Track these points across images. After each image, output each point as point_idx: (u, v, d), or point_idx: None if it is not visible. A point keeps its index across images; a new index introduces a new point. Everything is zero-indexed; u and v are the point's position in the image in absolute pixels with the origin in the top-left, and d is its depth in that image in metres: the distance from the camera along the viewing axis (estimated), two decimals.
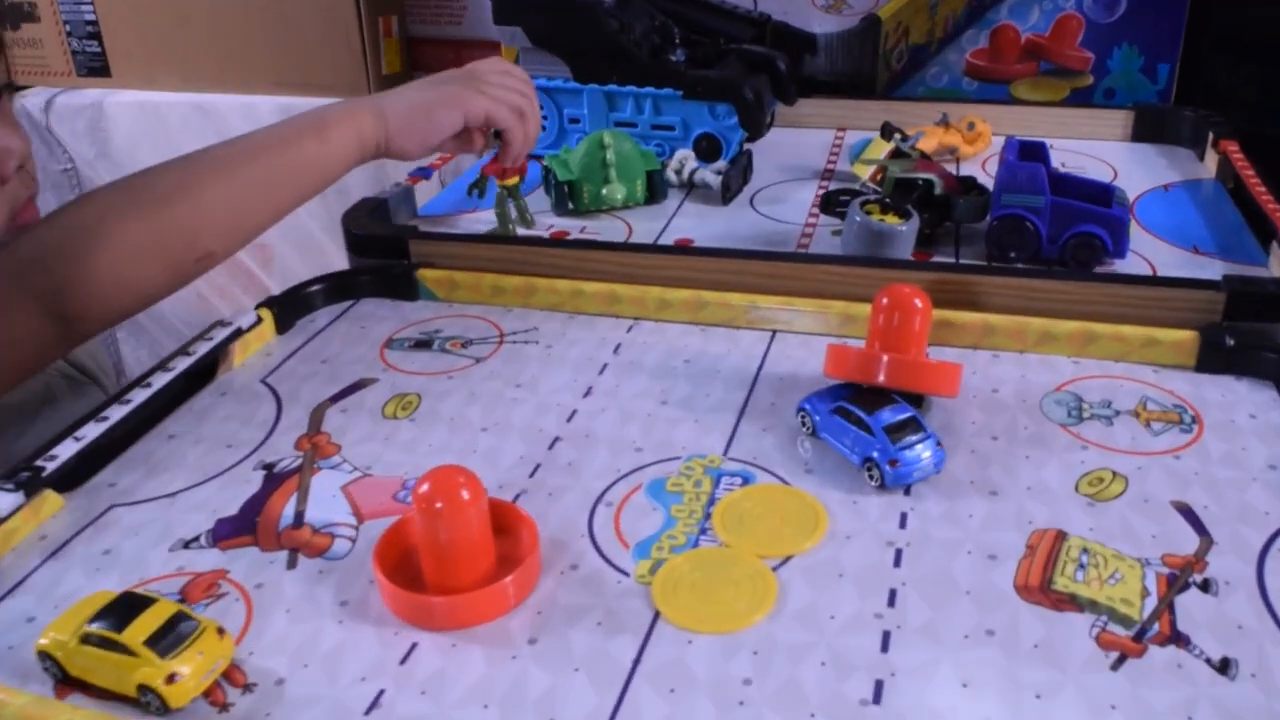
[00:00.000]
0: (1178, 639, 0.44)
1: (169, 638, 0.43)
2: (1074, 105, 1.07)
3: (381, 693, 0.42)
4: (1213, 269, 0.76)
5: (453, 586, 0.46)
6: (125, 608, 0.44)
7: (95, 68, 1.44)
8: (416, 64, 1.38)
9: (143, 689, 0.42)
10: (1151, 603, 0.46)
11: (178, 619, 0.43)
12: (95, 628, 0.43)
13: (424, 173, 0.93)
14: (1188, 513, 0.51)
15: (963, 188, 0.80)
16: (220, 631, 0.44)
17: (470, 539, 0.46)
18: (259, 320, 0.71)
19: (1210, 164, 0.94)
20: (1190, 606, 0.45)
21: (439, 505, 0.45)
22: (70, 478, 0.57)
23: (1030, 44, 1.08)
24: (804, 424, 0.57)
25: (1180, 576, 0.47)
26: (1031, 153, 0.80)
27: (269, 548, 0.52)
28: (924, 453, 0.53)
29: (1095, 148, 1.00)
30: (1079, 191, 0.77)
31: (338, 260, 0.83)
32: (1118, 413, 0.60)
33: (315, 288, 0.75)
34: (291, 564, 0.50)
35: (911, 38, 1.09)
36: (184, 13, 1.35)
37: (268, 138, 0.70)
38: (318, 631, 0.46)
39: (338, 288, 0.76)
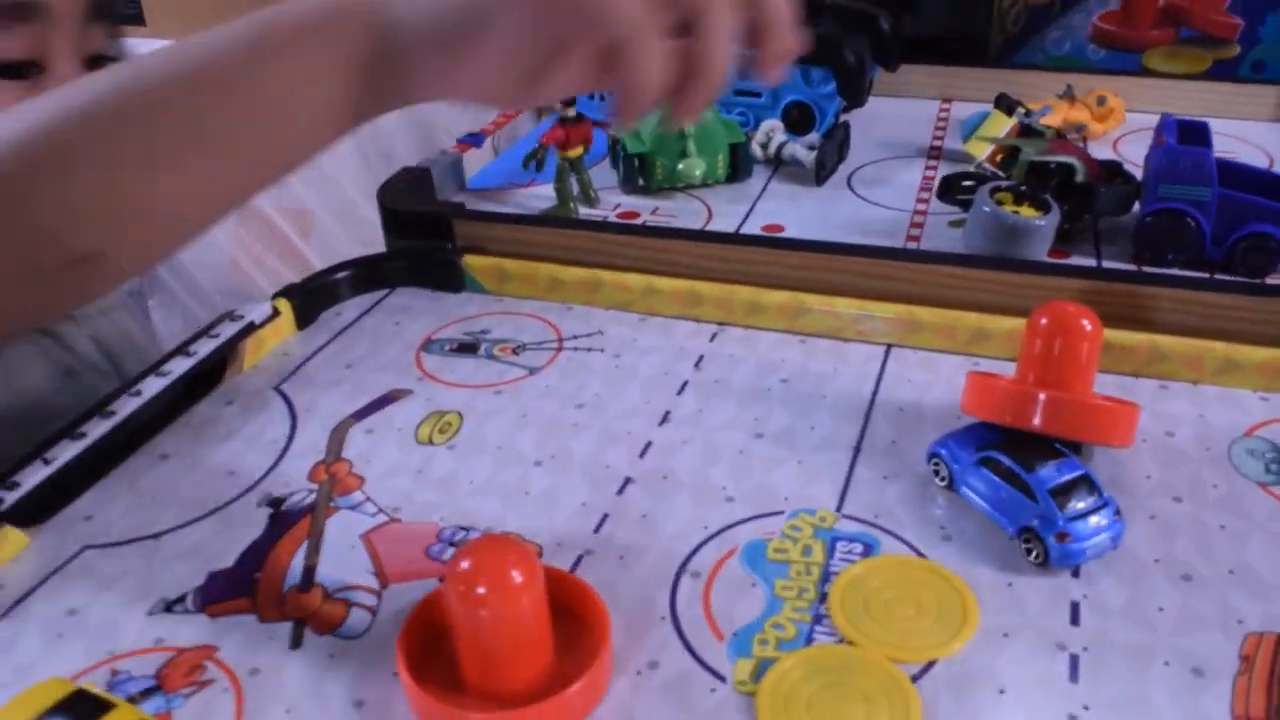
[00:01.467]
0: None
1: None
2: (1218, 79, 0.93)
3: None
4: None
5: (499, 691, 0.36)
6: (79, 709, 0.34)
7: (129, 15, 1.36)
8: None
9: None
10: None
11: None
12: None
13: (475, 139, 0.82)
14: None
15: (1106, 174, 0.68)
16: None
17: (522, 636, 0.35)
18: (275, 313, 0.61)
19: None
20: None
21: (481, 591, 0.34)
22: (36, 509, 0.47)
23: (1170, 6, 0.94)
24: (938, 474, 0.46)
25: None
26: (1192, 134, 0.67)
27: (269, 616, 0.41)
28: (1100, 524, 0.41)
29: (1243, 129, 0.86)
30: (1250, 183, 0.64)
31: (378, 229, 0.71)
32: None
33: (342, 275, 0.65)
34: (296, 642, 0.40)
35: None
36: None
37: (181, 58, 0.41)
38: None
39: (369, 275, 0.66)
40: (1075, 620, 0.40)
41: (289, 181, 0.92)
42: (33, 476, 0.47)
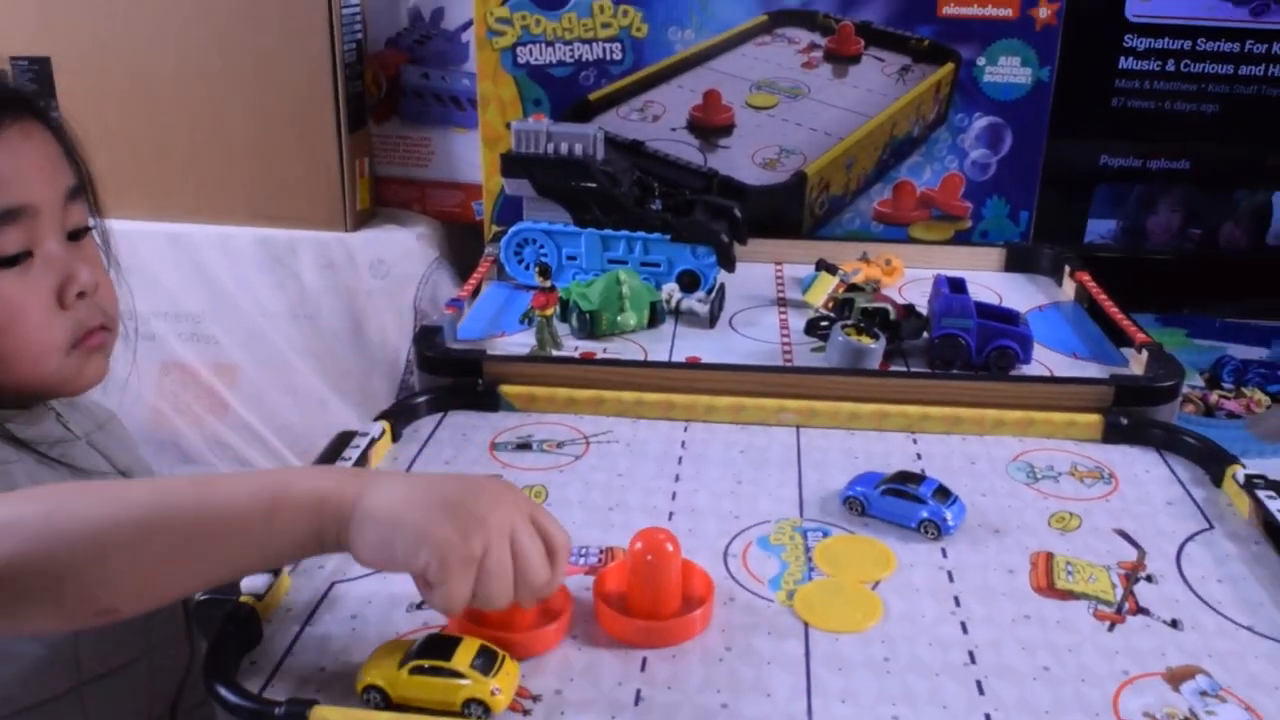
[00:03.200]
0: (1142, 611, 0.67)
1: (483, 662, 0.58)
2: (958, 243, 1.36)
3: (639, 691, 0.59)
4: (1090, 369, 1.03)
5: (658, 615, 0.64)
6: (440, 645, 0.59)
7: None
8: (382, 200, 1.55)
9: (469, 703, 0.57)
10: (1119, 591, 0.69)
11: (484, 649, 0.59)
12: (421, 660, 0.58)
13: (458, 303, 1.11)
14: (1124, 535, 0.75)
15: (906, 313, 1.05)
16: (511, 659, 0.60)
17: (673, 577, 0.64)
18: (384, 431, 0.86)
19: (1068, 289, 1.23)
20: (1143, 591, 0.69)
21: (650, 558, 0.63)
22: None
23: (923, 196, 1.37)
24: (852, 508, 0.77)
25: (1133, 575, 0.70)
26: (956, 285, 1.06)
27: None
28: (957, 509, 0.75)
29: (979, 276, 1.27)
30: (992, 314, 1.03)
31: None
32: (1059, 474, 0.84)
33: (420, 399, 0.91)
34: None
35: (831, 190, 1.36)
36: (161, 145, 1.45)
37: (204, 501, 0.56)
38: (566, 657, 0.62)
39: (434, 402, 0.93)
40: (945, 556, 0.72)
41: (218, 339, 1.03)
42: None
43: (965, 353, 1.00)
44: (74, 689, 0.72)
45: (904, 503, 0.75)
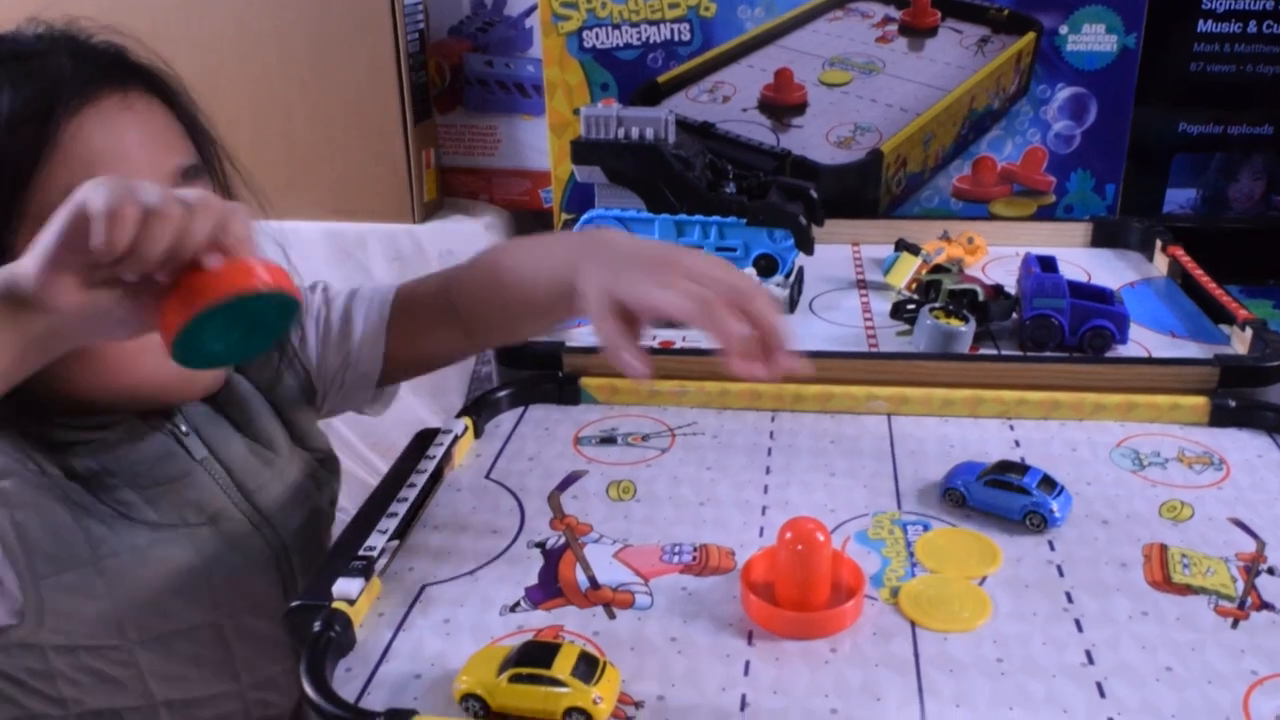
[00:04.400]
0: (1266, 606, 0.63)
1: (584, 670, 0.57)
2: (1042, 219, 1.32)
3: (744, 696, 0.58)
4: (1190, 349, 0.98)
5: (808, 606, 0.62)
6: (539, 651, 0.58)
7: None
8: (449, 190, 1.54)
9: (571, 712, 0.55)
10: (1240, 585, 0.65)
11: (585, 656, 0.58)
12: (520, 668, 0.57)
13: None
14: (1241, 525, 0.72)
15: (995, 294, 1.01)
16: (611, 665, 0.58)
17: (823, 567, 0.62)
18: (466, 428, 0.85)
19: (1160, 264, 1.18)
20: (1265, 585, 0.65)
21: (800, 548, 0.61)
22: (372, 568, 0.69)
23: (1005, 171, 1.33)
24: (952, 500, 0.75)
25: (1254, 567, 0.67)
26: (1046, 264, 1.02)
27: (584, 605, 0.66)
28: (1064, 500, 0.72)
29: (1064, 253, 1.23)
30: (1085, 293, 0.99)
31: None
32: (1166, 460, 0.80)
33: (501, 394, 0.90)
34: (611, 616, 0.65)
35: (909, 167, 1.32)
36: (228, 143, 1.46)
37: None
38: (665, 660, 0.61)
39: (515, 396, 0.91)
40: (1052, 548, 0.70)
41: None
42: (377, 542, 0.70)
43: (1059, 334, 0.97)
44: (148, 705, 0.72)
45: (1008, 494, 0.72)
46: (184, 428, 0.76)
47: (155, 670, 0.72)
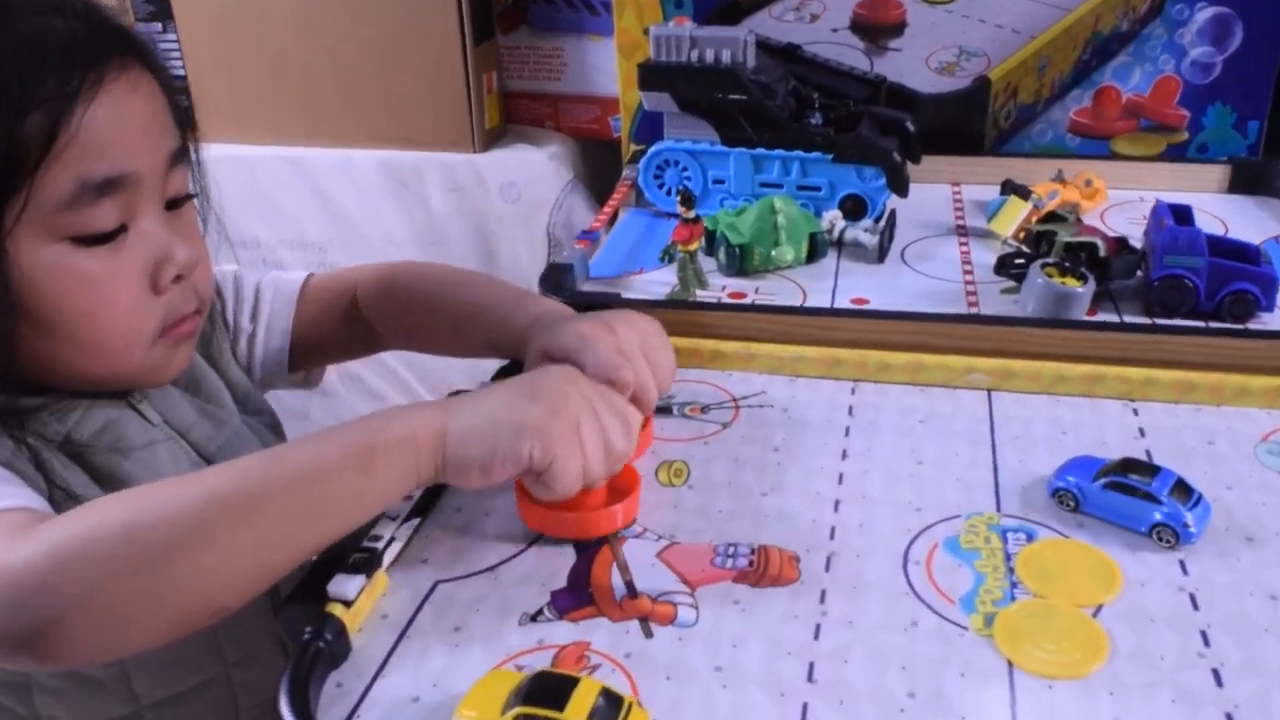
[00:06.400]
0: None
1: (605, 713, 0.47)
2: (1172, 159, 1.16)
3: None
4: None
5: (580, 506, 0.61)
6: (553, 687, 0.48)
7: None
8: (513, 119, 1.43)
9: None
10: None
11: (608, 694, 0.48)
12: (528, 708, 0.47)
13: (591, 235, 0.99)
14: None
15: (1117, 248, 0.88)
16: (640, 705, 0.49)
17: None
18: None
19: None
20: None
21: None
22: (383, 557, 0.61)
23: (1131, 104, 1.17)
24: (1063, 502, 0.63)
25: None
26: (1180, 214, 0.88)
27: (617, 617, 0.56)
28: (1201, 511, 0.60)
29: (1196, 199, 1.07)
30: (1226, 250, 0.85)
31: None
32: None
33: None
34: (647, 633, 0.55)
35: (1020, 98, 1.17)
36: (277, 65, 1.38)
37: (301, 464, 0.54)
38: (708, 697, 0.51)
39: None
40: (1185, 571, 0.58)
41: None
42: (386, 530, 0.61)
43: (1192, 298, 0.83)
44: (133, 713, 0.66)
45: (1133, 500, 0.60)
46: (136, 394, 0.70)
47: (139, 660, 0.65)
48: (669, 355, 0.68)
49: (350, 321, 0.83)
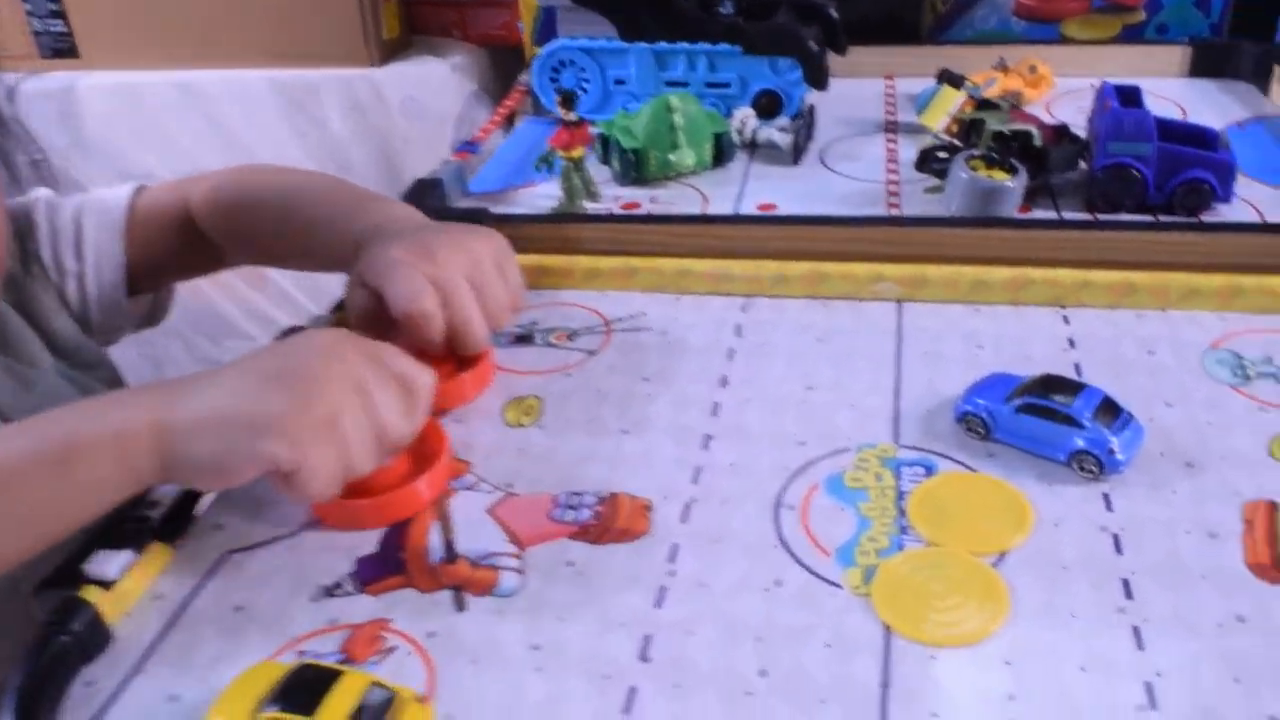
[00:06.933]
0: None
1: (371, 714, 0.38)
2: (1127, 42, 1.04)
3: None
4: None
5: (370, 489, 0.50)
6: (307, 682, 0.39)
7: (61, 49, 1.34)
8: (416, 28, 1.31)
9: None
10: None
11: (377, 688, 0.39)
12: (276, 712, 0.38)
13: (471, 147, 0.88)
14: None
15: (1056, 137, 0.77)
16: (420, 699, 0.40)
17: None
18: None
19: (1279, 98, 0.91)
20: None
21: None
22: (172, 525, 0.51)
23: None
24: (971, 429, 0.53)
25: None
26: (1127, 96, 0.77)
27: (427, 588, 0.47)
28: (1131, 435, 0.50)
29: (1154, 85, 0.96)
30: (1179, 136, 0.74)
31: None
32: None
33: None
34: (460, 605, 0.46)
35: None
36: None
37: None
38: (518, 684, 0.42)
39: None
40: (1109, 508, 0.48)
41: None
42: (167, 494, 0.52)
43: (1140, 188, 0.73)
44: None
45: (1050, 425, 0.50)
46: None
47: None
48: (511, 279, 0.59)
49: (190, 240, 0.73)
